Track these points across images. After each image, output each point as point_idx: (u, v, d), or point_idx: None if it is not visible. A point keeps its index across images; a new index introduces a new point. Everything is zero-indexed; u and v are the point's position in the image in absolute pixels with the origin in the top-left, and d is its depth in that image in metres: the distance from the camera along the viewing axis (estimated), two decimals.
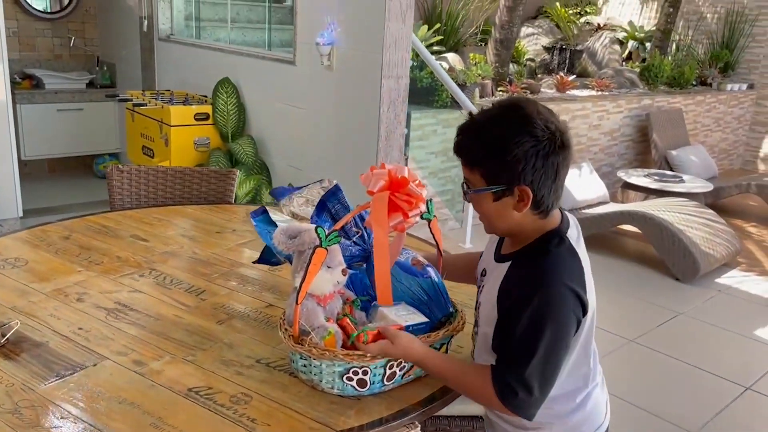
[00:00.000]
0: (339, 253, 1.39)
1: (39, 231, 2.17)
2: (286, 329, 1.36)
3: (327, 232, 1.29)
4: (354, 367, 1.31)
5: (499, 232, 1.40)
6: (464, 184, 1.35)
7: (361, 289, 1.53)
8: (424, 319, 1.42)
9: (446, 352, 1.47)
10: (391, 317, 1.40)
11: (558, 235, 1.33)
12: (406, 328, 1.37)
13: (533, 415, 1.28)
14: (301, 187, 2.11)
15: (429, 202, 1.46)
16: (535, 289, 1.25)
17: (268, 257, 1.73)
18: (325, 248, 1.29)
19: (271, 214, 1.66)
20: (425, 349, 1.35)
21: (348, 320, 1.39)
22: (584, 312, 1.29)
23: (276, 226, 1.58)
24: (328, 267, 1.33)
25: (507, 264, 1.35)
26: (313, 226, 1.33)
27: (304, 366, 1.35)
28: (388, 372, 1.35)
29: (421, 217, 1.44)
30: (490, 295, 1.34)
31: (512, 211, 1.30)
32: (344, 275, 1.38)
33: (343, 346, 1.35)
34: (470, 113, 1.36)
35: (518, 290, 1.28)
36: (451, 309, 1.47)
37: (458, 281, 1.68)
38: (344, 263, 1.39)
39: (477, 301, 1.46)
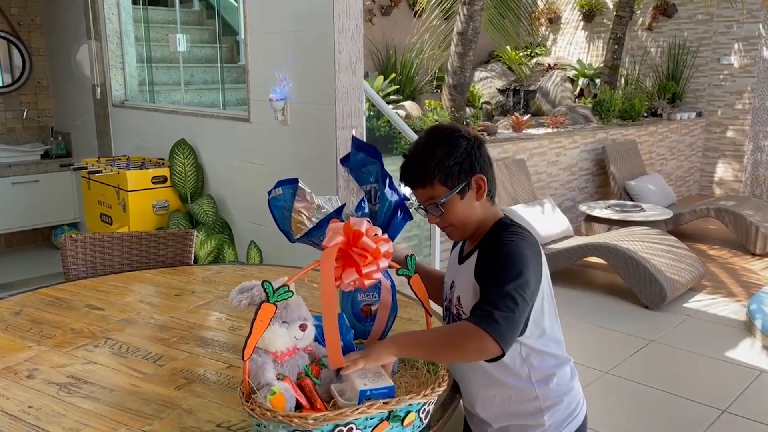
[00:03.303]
0: (300, 307, 1.34)
1: None
2: (240, 389, 1.31)
3: (275, 287, 1.24)
4: (296, 430, 1.22)
5: (470, 231, 1.53)
6: (425, 207, 1.49)
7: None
8: (389, 383, 1.32)
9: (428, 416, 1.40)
10: (353, 378, 1.34)
11: (508, 219, 1.54)
12: (361, 393, 1.28)
13: (509, 341, 1.32)
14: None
15: (409, 258, 1.43)
16: (500, 243, 1.44)
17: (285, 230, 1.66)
18: (273, 303, 1.24)
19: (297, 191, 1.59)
20: (394, 338, 1.41)
21: (310, 380, 1.32)
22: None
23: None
24: (284, 322, 1.29)
25: (474, 255, 1.49)
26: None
27: (258, 426, 1.29)
28: None
29: (398, 273, 1.41)
30: (467, 288, 1.48)
31: (475, 203, 1.50)
32: (302, 330, 1.33)
33: (302, 408, 1.28)
34: (404, 154, 1.51)
35: (487, 254, 1.45)
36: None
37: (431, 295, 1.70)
38: (306, 318, 1.33)
39: (451, 311, 1.56)
